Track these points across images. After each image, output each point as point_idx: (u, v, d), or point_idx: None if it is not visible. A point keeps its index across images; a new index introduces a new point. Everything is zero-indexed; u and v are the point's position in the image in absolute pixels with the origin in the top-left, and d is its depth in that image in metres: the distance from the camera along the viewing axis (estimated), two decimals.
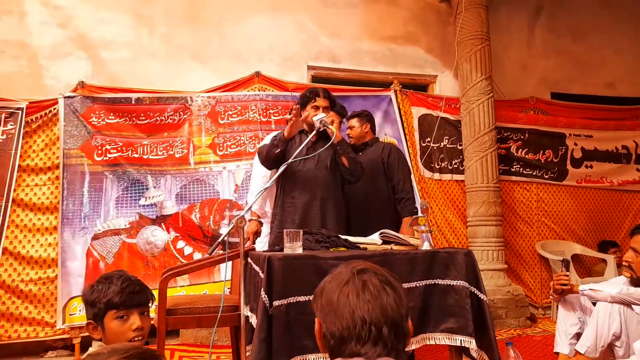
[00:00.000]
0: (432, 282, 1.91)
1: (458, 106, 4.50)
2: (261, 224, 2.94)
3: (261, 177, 2.90)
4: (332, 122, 2.87)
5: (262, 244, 2.99)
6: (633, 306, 2.27)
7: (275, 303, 1.70)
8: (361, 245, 2.07)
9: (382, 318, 0.91)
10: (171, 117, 3.89)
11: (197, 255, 3.73)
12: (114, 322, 1.45)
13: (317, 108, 2.57)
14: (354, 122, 3.15)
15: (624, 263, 2.47)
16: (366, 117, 3.18)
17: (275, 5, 4.43)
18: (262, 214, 2.90)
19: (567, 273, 2.52)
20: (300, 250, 1.87)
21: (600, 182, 4.86)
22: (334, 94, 4.05)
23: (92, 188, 3.64)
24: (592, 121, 4.93)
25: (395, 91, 4.45)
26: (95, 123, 3.72)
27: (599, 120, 4.94)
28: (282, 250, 1.95)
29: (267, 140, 2.81)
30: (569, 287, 2.41)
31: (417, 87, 4.79)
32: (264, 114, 4.04)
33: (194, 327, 2.59)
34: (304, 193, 2.49)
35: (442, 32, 4.75)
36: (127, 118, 3.79)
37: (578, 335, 2.39)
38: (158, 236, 3.67)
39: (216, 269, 3.71)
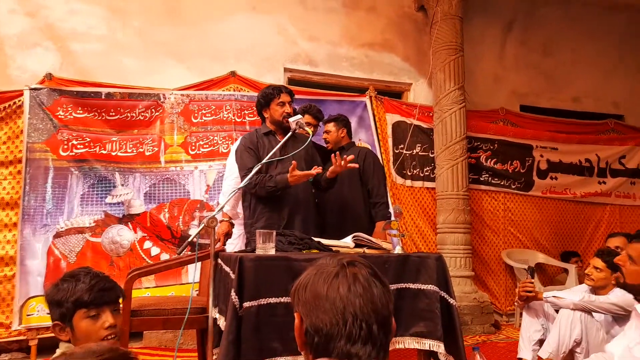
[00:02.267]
0: (404, 286, 1.92)
1: (431, 114, 4.53)
2: (232, 225, 2.92)
3: (234, 177, 2.85)
4: (309, 126, 2.90)
5: (233, 246, 2.94)
6: (593, 313, 2.33)
7: (246, 304, 1.70)
8: (333, 248, 2.07)
9: (372, 314, 0.86)
10: (142, 113, 3.82)
11: (165, 257, 3.68)
12: (84, 321, 1.39)
13: (282, 104, 2.55)
14: (331, 126, 3.17)
15: (587, 272, 2.53)
16: (342, 122, 3.19)
17: (256, 5, 4.38)
18: (234, 215, 2.90)
19: (532, 280, 2.56)
20: (272, 252, 1.86)
21: (564, 194, 4.94)
22: (310, 97, 4.12)
23: (56, 184, 3.54)
24: (558, 134, 5.04)
25: (371, 97, 4.47)
26: (62, 117, 3.62)
27: (565, 134, 5.04)
28: (253, 251, 1.93)
29: (239, 144, 2.73)
30: (534, 294, 2.47)
31: (392, 94, 4.82)
32: (239, 114, 4.01)
33: (159, 329, 2.53)
34: (279, 196, 2.48)
35: (419, 41, 4.78)
36: (96, 113, 3.70)
37: (541, 342, 2.43)
38: (124, 236, 3.61)
39: (184, 270, 3.66)
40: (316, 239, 2.15)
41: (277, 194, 2.48)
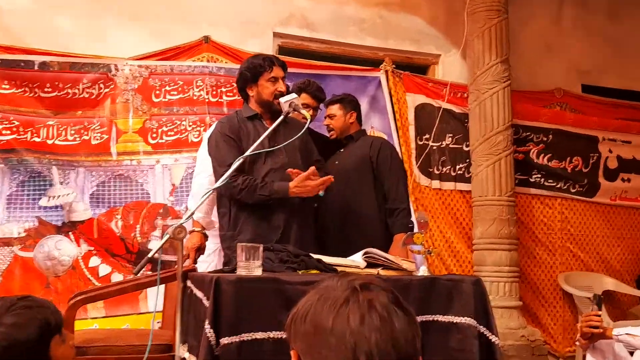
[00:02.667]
0: (430, 319, 1.91)
1: (466, 95, 4.49)
2: (206, 237, 2.86)
3: (207, 175, 2.85)
4: (307, 109, 2.88)
5: (206, 264, 2.93)
6: None
7: (224, 341, 1.66)
8: (338, 269, 2.06)
9: (393, 353, 0.83)
10: (88, 90, 3.80)
11: (117, 277, 3.65)
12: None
13: (274, 80, 2.57)
14: (335, 109, 3.15)
15: None
16: (351, 104, 3.19)
17: None
18: (208, 224, 2.86)
19: (599, 312, 2.53)
20: (259, 272, 1.86)
21: (638, 201, 4.93)
22: (307, 71, 4.16)
23: None
24: (632, 123, 4.98)
25: (387, 72, 4.42)
26: None
27: None
28: (234, 270, 1.92)
29: (214, 131, 2.73)
30: (601, 330, 2.42)
31: (414, 68, 4.76)
32: (214, 92, 3.99)
33: None
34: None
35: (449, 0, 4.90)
36: (27, 88, 3.67)
37: None
38: (64, 249, 3.59)
39: (142, 296, 3.64)
40: (315, 256, 2.14)
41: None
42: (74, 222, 3.69)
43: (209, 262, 2.98)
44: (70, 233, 3.67)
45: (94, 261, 3.68)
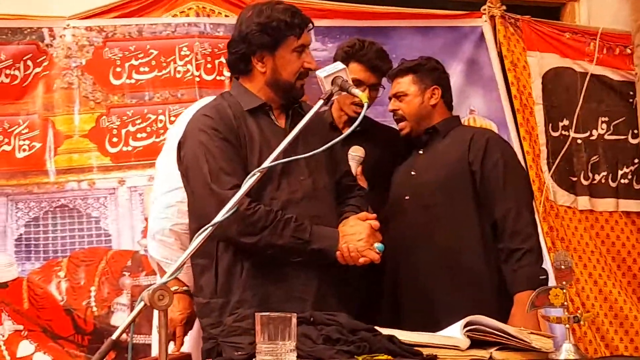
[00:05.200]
0: None
1: (630, 52, 4.41)
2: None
3: (178, 191, 2.83)
4: (360, 87, 2.85)
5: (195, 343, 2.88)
6: None
7: None
8: (424, 351, 2.04)
9: None
10: (7, 71, 3.84)
11: None
12: None
13: (300, 50, 2.59)
14: (406, 83, 3.16)
15: None
16: (433, 74, 3.18)
17: None
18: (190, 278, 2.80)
19: None
20: (293, 359, 1.82)
21: None
22: (358, 23, 4.09)
23: None
24: None
25: (493, 18, 4.33)
26: None
27: None
28: (251, 358, 1.91)
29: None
30: None
31: (538, 10, 4.61)
32: (208, 63, 4.00)
33: None
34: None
35: None
36: None
37: None
38: None
39: None
40: (385, 331, 2.12)
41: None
42: None
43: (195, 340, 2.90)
44: None
45: (25, 348, 3.71)
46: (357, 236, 2.45)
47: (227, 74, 3.87)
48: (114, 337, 1.83)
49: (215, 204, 2.34)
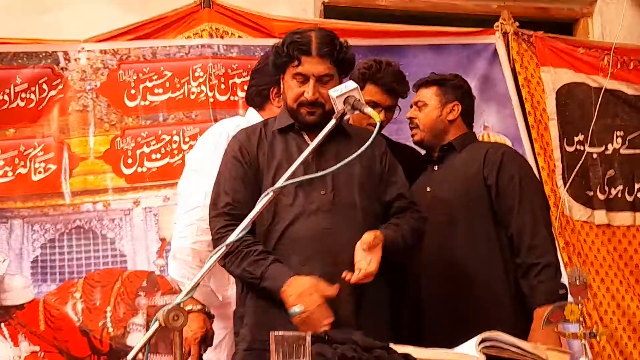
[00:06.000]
0: None
1: None
2: (211, 318, 2.92)
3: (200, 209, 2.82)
4: (376, 108, 2.84)
5: None
6: None
7: None
8: None
9: None
10: (23, 94, 3.86)
11: None
12: None
13: (301, 80, 2.59)
14: (430, 94, 3.18)
15: None
16: (457, 91, 3.19)
17: None
18: (208, 296, 2.94)
19: None
20: None
21: None
22: (372, 42, 4.10)
23: None
24: None
25: (506, 34, 4.36)
26: None
27: None
28: None
29: (221, 144, 2.77)
30: None
31: (551, 26, 4.62)
32: (222, 84, 4.01)
33: None
34: (307, 259, 2.53)
35: None
36: None
37: None
38: None
39: None
40: (399, 348, 2.12)
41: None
42: (8, 308, 3.73)
43: (218, 357, 3.02)
44: (1, 324, 3.72)
45: None
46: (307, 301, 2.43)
47: (241, 94, 3.88)
48: (129, 357, 1.85)
49: (210, 221, 2.56)
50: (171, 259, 3.00)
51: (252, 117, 2.92)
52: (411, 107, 3.14)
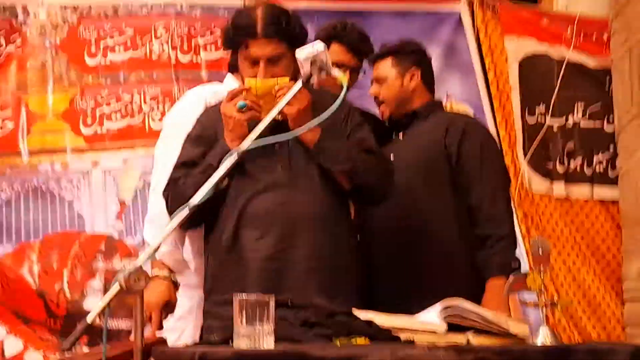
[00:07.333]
0: None
1: (606, 38, 4.33)
2: (176, 285, 2.84)
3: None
4: (343, 70, 2.83)
5: (178, 332, 2.92)
6: None
7: None
8: (401, 335, 2.09)
9: None
10: None
11: (34, 358, 3.68)
12: None
13: (254, 62, 2.57)
14: (387, 67, 3.17)
15: None
16: (412, 57, 3.19)
17: None
18: (178, 263, 2.86)
19: None
20: (270, 343, 1.86)
21: None
22: (338, 5, 4.04)
23: None
24: None
25: (471, 3, 4.39)
26: None
27: None
28: (227, 341, 1.94)
29: (189, 108, 2.81)
30: None
31: None
32: (185, 44, 4.06)
33: None
34: (262, 234, 2.54)
35: None
36: None
37: None
38: None
39: None
40: (362, 315, 2.17)
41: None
42: None
43: (182, 327, 2.93)
44: None
45: None
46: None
47: (203, 55, 3.85)
48: (88, 319, 1.83)
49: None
50: (147, 223, 3.00)
51: (229, 84, 2.85)
52: (371, 83, 3.10)
